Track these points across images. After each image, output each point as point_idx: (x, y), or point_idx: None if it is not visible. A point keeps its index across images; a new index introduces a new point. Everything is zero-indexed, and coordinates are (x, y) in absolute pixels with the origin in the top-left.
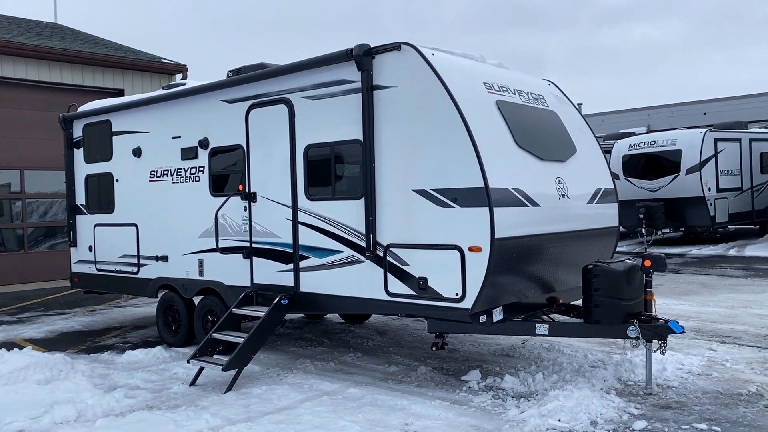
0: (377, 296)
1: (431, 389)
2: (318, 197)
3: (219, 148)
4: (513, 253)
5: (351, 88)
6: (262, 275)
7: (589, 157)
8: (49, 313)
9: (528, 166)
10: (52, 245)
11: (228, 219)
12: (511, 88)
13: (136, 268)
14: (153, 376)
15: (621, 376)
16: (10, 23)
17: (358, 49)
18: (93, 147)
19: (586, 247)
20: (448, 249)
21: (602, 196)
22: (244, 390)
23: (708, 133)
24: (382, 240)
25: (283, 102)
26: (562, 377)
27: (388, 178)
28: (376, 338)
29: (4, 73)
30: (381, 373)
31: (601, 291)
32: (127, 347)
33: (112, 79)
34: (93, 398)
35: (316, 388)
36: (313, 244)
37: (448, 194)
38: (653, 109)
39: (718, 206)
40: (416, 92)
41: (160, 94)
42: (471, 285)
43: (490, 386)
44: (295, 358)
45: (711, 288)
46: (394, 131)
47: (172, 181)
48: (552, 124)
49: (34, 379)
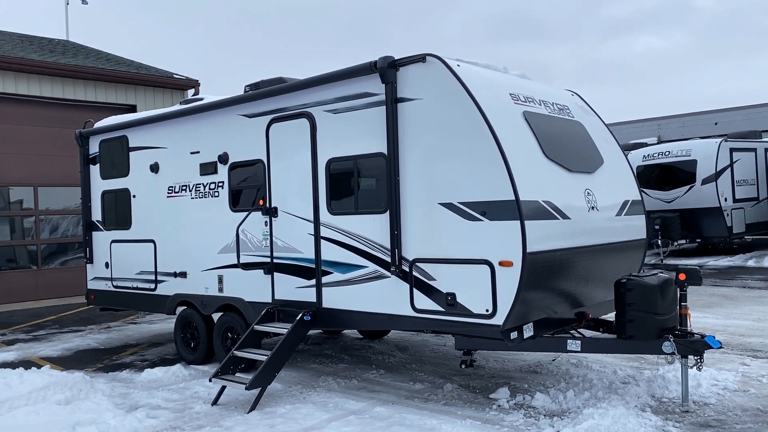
0: (403, 312)
1: (460, 408)
2: (340, 211)
3: (239, 162)
4: (544, 267)
5: (374, 101)
6: (284, 291)
7: (617, 168)
8: (64, 331)
9: (557, 178)
10: (64, 261)
11: (248, 234)
12: (537, 98)
13: (153, 284)
14: (174, 395)
15: (654, 392)
16: (23, 41)
17: (382, 61)
18: (109, 163)
19: (615, 260)
20: (477, 264)
21: (630, 207)
22: (268, 409)
23: (723, 142)
24: (407, 254)
25: (304, 116)
26: (594, 394)
27: (414, 192)
28: (397, 354)
29: (18, 90)
30: (406, 390)
31: (634, 305)
32: (145, 365)
33: (124, 95)
34: (115, 419)
35: (341, 407)
36: (335, 259)
37: (477, 207)
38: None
39: (735, 216)
40: (442, 104)
41: (178, 109)
42: (502, 301)
43: (521, 404)
44: (317, 376)
45: (734, 300)
46: (419, 144)
47: (191, 197)
48: (578, 134)
49: (54, 399)
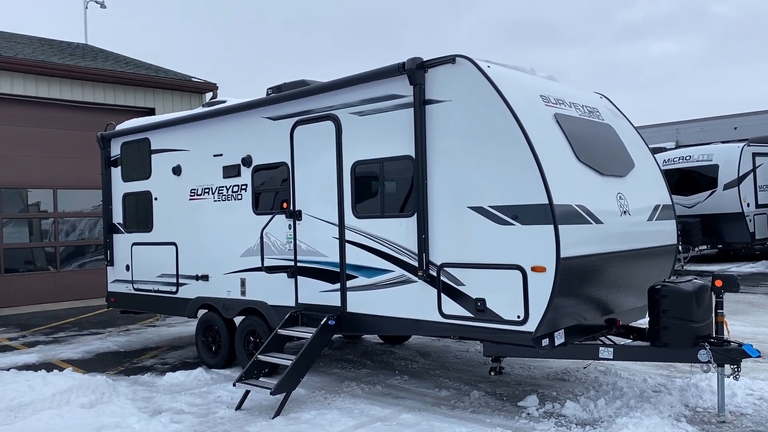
0: (430, 318)
1: (488, 416)
2: (366, 215)
3: (262, 165)
4: (577, 273)
5: (402, 103)
6: (307, 295)
7: (647, 172)
8: (83, 333)
9: (589, 182)
10: (82, 264)
11: (272, 237)
12: (567, 101)
13: (174, 287)
14: (197, 399)
15: (688, 402)
16: (43, 45)
17: (410, 62)
18: (131, 165)
19: (646, 266)
20: (508, 269)
21: (661, 212)
22: (292, 415)
23: (746, 147)
24: (435, 259)
25: (329, 118)
26: (625, 403)
27: (442, 195)
28: (420, 360)
29: (38, 93)
30: (432, 397)
31: (669, 312)
32: (166, 368)
33: (143, 98)
34: (139, 423)
35: (367, 413)
36: (360, 263)
37: (508, 211)
38: (682, 123)
39: (758, 222)
40: (473, 106)
41: (200, 111)
42: (534, 307)
43: (550, 413)
44: (340, 381)
45: (761, 307)
46: (448, 146)
47: (213, 200)
48: (609, 137)
49: (78, 402)
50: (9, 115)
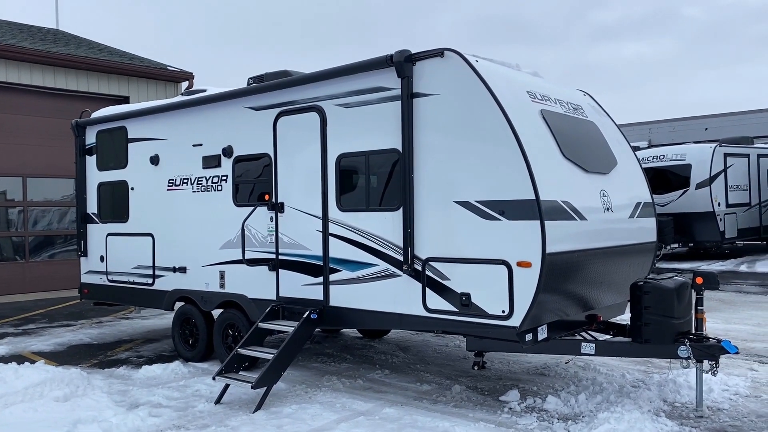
0: (414, 312)
1: (470, 410)
2: (350, 208)
3: (244, 156)
4: (562, 268)
5: (388, 96)
6: (289, 288)
7: (629, 170)
8: (54, 325)
9: (574, 178)
10: (52, 254)
11: (253, 230)
12: (552, 97)
13: (151, 279)
14: (174, 393)
15: (666, 397)
16: (13, 29)
17: (398, 55)
18: (107, 154)
19: (627, 263)
20: (494, 264)
21: (642, 209)
22: (273, 409)
23: (718, 147)
24: (420, 253)
25: (314, 110)
26: (605, 398)
27: (428, 189)
28: (400, 354)
29: (8, 79)
30: (414, 392)
31: (651, 309)
32: (141, 361)
33: (117, 86)
34: (116, 417)
35: (348, 407)
36: (344, 257)
37: (495, 207)
38: (654, 123)
39: (728, 221)
40: (461, 100)
41: (181, 100)
42: (519, 302)
43: (532, 407)
44: (320, 375)
45: (732, 305)
46: (435, 140)
47: (192, 190)
48: (592, 135)
49: (52, 396)
50: None
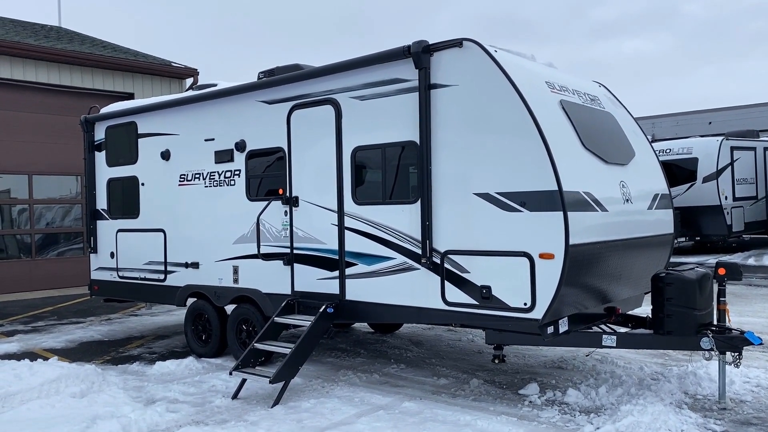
0: (433, 305)
1: (491, 403)
2: (366, 201)
3: (257, 150)
4: (584, 260)
5: (405, 87)
6: (304, 282)
7: (647, 161)
8: (63, 322)
9: (595, 169)
10: (60, 252)
11: (267, 224)
12: (570, 88)
13: (162, 275)
14: (190, 388)
15: (687, 389)
16: (15, 25)
17: (416, 46)
18: (116, 150)
19: (646, 255)
20: (515, 256)
21: (660, 201)
22: (291, 403)
23: (725, 141)
24: (438, 246)
25: (329, 102)
26: (626, 391)
27: (447, 182)
28: (414, 349)
29: (13, 76)
30: (431, 386)
31: (673, 300)
32: (154, 357)
33: (122, 83)
34: (134, 412)
35: (367, 401)
36: (360, 251)
37: (516, 198)
38: (658, 117)
39: (735, 215)
40: (480, 91)
41: (192, 94)
42: (541, 294)
43: (552, 400)
44: (336, 370)
45: (743, 298)
46: (453, 132)
47: (204, 185)
48: (610, 126)
49: (68, 392)
50: None
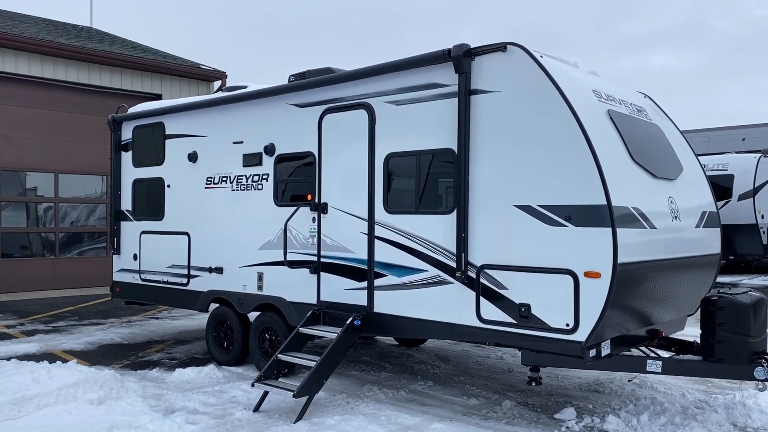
0: (466, 322)
1: (524, 427)
2: (399, 210)
3: (286, 155)
4: (633, 280)
5: (443, 93)
6: (331, 292)
7: (694, 177)
8: (84, 323)
9: (643, 183)
10: (82, 251)
11: (294, 231)
12: (617, 97)
13: (185, 279)
14: (211, 398)
15: (736, 421)
16: (48, 25)
17: (456, 49)
18: (143, 150)
19: (692, 276)
20: (557, 273)
21: (707, 219)
22: (315, 419)
23: (762, 158)
24: (474, 260)
25: (362, 107)
26: (669, 419)
27: (486, 192)
28: (441, 365)
29: (44, 74)
30: (461, 406)
31: (725, 326)
32: (174, 364)
33: (150, 84)
34: (153, 423)
35: (394, 420)
36: (390, 261)
37: (560, 212)
38: (689, 133)
39: None
40: (525, 98)
41: (221, 96)
42: (585, 315)
43: (591, 427)
44: (360, 384)
45: None
46: (494, 140)
47: (231, 189)
48: (658, 138)
49: (86, 398)
50: (12, 95)
